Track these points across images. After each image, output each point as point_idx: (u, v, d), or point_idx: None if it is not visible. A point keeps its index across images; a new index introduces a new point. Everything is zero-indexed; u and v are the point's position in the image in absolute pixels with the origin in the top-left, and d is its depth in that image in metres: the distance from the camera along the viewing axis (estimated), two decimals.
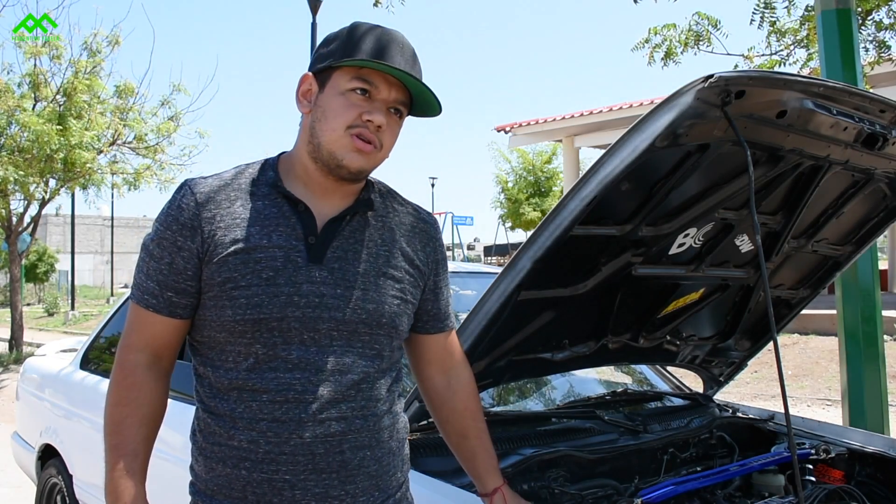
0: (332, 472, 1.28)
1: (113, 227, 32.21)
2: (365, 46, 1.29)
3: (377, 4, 5.47)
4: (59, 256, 29.62)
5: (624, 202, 1.86)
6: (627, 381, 3.08)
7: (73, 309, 21.85)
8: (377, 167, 1.35)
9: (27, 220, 12.29)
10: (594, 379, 3.02)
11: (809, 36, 6.00)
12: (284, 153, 1.41)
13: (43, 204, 12.06)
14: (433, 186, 37.33)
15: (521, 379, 2.56)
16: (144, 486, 1.30)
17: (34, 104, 10.96)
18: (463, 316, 1.87)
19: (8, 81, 10.94)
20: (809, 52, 6.24)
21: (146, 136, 12.00)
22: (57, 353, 4.13)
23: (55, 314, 21.82)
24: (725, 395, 3.89)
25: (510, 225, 25.06)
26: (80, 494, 3.19)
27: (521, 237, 27.14)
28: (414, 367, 1.57)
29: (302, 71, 1.38)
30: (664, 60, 6.12)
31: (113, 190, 12.79)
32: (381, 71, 1.28)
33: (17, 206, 12.14)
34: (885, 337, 4.43)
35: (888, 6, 5.76)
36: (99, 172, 11.70)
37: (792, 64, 6.32)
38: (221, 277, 1.27)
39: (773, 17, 5.93)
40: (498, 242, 32.12)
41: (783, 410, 1.65)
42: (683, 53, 6.07)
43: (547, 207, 22.48)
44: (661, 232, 1.99)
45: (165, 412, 1.36)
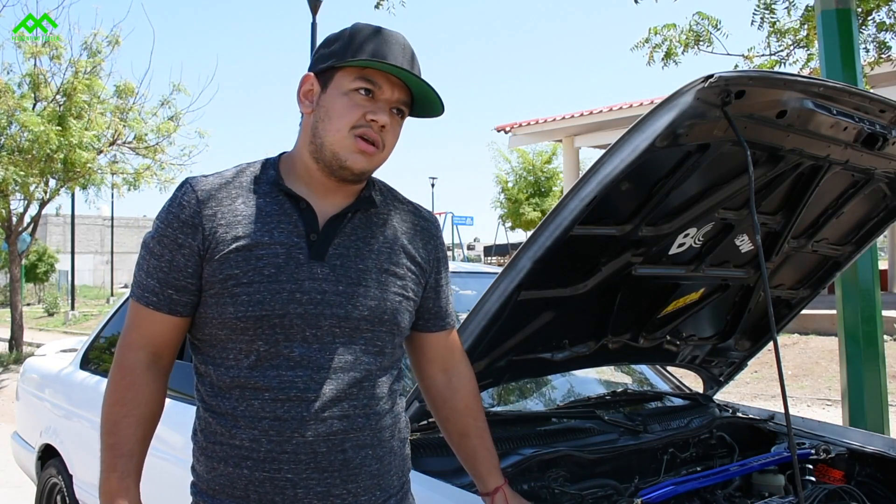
0: (334, 470, 1.28)
1: (113, 227, 32.21)
2: (367, 47, 1.29)
3: (378, 6, 5.48)
4: (59, 256, 29.60)
5: (624, 202, 1.86)
6: (627, 381, 3.08)
7: (73, 309, 21.84)
8: (379, 167, 1.36)
9: (27, 220, 12.29)
10: (594, 379, 3.02)
11: (809, 36, 6.01)
12: (285, 153, 1.41)
13: (43, 204, 12.06)
14: (433, 186, 37.36)
15: (521, 379, 2.56)
16: (139, 487, 1.30)
17: (34, 104, 10.96)
18: (463, 316, 1.87)
19: (8, 81, 10.94)
20: (809, 52, 6.25)
21: (146, 136, 12.01)
22: (57, 353, 4.13)
23: (55, 314, 21.82)
24: (725, 395, 3.90)
25: (510, 225, 25.07)
26: (80, 494, 3.19)
27: (521, 237, 27.14)
28: (415, 365, 1.57)
29: (302, 71, 1.38)
30: (664, 60, 6.13)
31: (113, 190, 12.82)
32: (384, 71, 1.29)
33: (17, 206, 12.16)
34: (885, 337, 4.43)
35: (888, 6, 5.77)
36: (99, 172, 11.72)
37: (792, 64, 6.33)
38: (223, 275, 1.27)
39: (773, 17, 5.94)
40: (498, 242, 32.13)
41: (783, 410, 1.66)
42: (683, 53, 6.08)
43: (547, 207, 22.48)
44: (661, 232, 1.99)
45: (163, 412, 1.36)
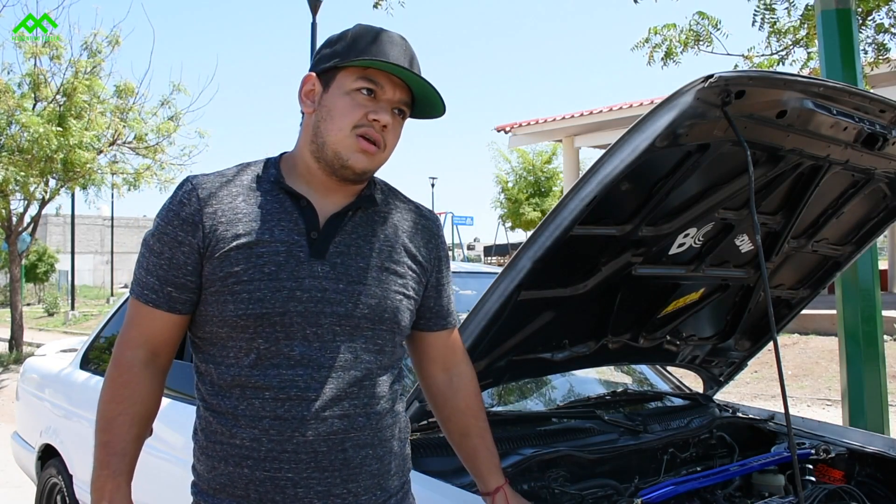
0: (334, 470, 1.28)
1: (113, 227, 32.17)
2: (369, 48, 1.30)
3: (377, 6, 5.48)
4: (59, 256, 29.58)
5: (624, 202, 1.86)
6: (627, 381, 3.08)
7: (73, 309, 21.83)
8: (381, 167, 1.36)
9: (27, 220, 12.29)
10: (594, 379, 3.01)
11: (809, 36, 6.01)
12: (286, 153, 1.41)
13: (43, 204, 12.06)
14: (433, 186, 37.36)
15: (521, 379, 2.56)
16: (130, 485, 1.30)
17: (34, 104, 10.96)
18: (463, 316, 1.87)
19: (8, 81, 10.94)
20: (809, 51, 6.25)
21: (146, 136, 12.00)
22: (57, 353, 4.12)
23: (55, 314, 21.81)
24: (725, 395, 3.89)
25: (510, 225, 25.07)
26: (80, 494, 3.19)
27: (521, 237, 27.14)
28: (416, 364, 1.57)
29: (302, 71, 1.39)
30: (664, 60, 6.13)
31: (113, 190, 12.81)
32: (386, 71, 1.29)
33: (17, 206, 12.16)
34: (885, 337, 4.43)
35: (888, 6, 5.77)
36: (99, 172, 11.71)
37: (791, 64, 6.34)
38: (223, 272, 1.27)
39: (773, 17, 5.95)
40: (498, 242, 32.14)
41: (783, 410, 1.66)
42: (683, 53, 6.08)
43: (547, 207, 22.48)
44: (661, 232, 1.99)
45: (158, 411, 1.36)
